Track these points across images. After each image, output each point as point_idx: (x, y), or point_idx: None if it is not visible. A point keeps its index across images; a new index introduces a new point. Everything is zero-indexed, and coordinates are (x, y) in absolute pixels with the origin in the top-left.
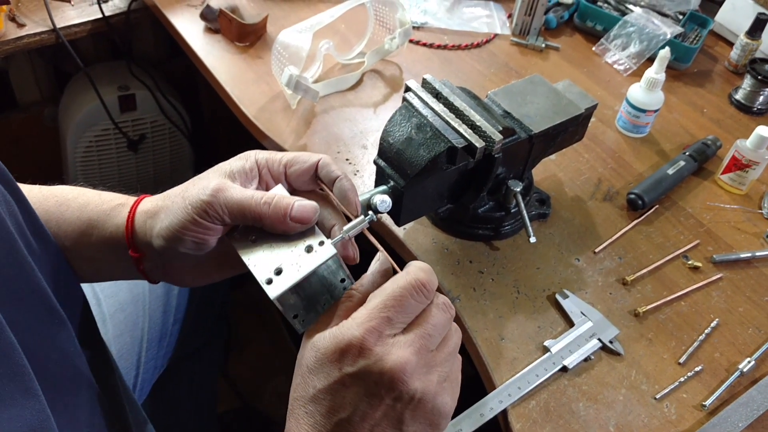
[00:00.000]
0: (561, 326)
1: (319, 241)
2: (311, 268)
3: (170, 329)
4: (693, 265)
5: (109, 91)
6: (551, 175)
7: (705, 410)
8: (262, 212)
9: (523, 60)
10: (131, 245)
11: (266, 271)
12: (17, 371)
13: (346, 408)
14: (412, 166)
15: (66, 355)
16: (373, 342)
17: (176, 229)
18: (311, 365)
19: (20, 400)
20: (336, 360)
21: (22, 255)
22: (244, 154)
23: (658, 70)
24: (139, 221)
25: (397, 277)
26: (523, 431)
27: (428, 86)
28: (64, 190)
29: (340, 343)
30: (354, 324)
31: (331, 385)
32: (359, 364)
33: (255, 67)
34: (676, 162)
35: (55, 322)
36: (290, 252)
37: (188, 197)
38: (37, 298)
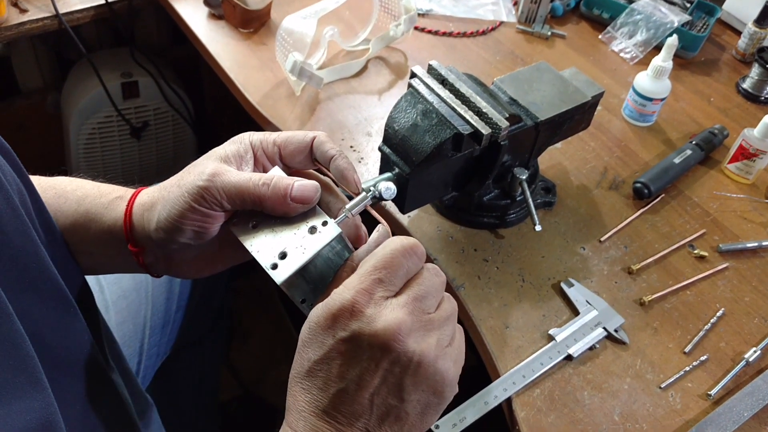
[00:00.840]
0: (566, 315)
1: (322, 222)
2: (316, 249)
3: (173, 316)
4: (699, 255)
5: (112, 77)
6: (557, 164)
7: (710, 400)
8: (261, 194)
9: (528, 48)
10: (130, 239)
11: (270, 256)
12: (27, 362)
13: (343, 377)
14: (418, 153)
15: (80, 344)
16: (364, 303)
17: (175, 219)
18: (305, 338)
19: (30, 392)
20: (329, 327)
21: (37, 245)
22: (238, 137)
23: (665, 58)
24: (137, 214)
25: (387, 240)
26: (527, 419)
27: (434, 72)
28: (63, 182)
29: (331, 308)
30: (344, 289)
31: (325, 355)
32: (351, 327)
33: (259, 54)
34: (683, 151)
35: (69, 311)
36: (293, 235)
37: (184, 185)
38: (52, 287)
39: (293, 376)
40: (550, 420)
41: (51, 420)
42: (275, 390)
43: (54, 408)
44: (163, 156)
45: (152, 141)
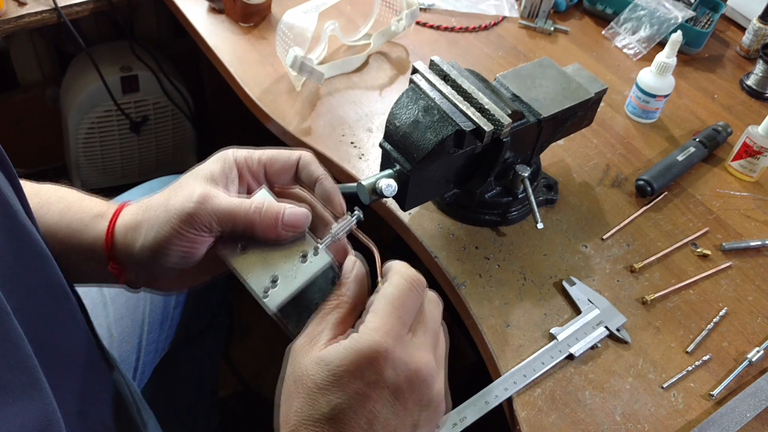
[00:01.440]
0: (568, 314)
1: (312, 248)
2: (308, 277)
3: (171, 313)
4: (702, 253)
5: (112, 71)
6: (559, 161)
7: (713, 400)
8: (253, 221)
9: (531, 43)
10: (111, 258)
11: (262, 281)
12: (26, 362)
13: (372, 423)
14: (419, 150)
15: (78, 342)
16: (394, 347)
17: (161, 243)
18: (323, 383)
19: (29, 392)
20: (357, 372)
21: (41, 246)
22: (221, 155)
23: (669, 55)
24: (119, 235)
25: (391, 278)
26: (528, 419)
27: (436, 68)
28: (48, 190)
29: (361, 353)
30: (370, 331)
31: (353, 400)
32: (386, 374)
33: (259, 48)
34: (686, 148)
35: (67, 312)
36: (284, 261)
37: (172, 208)
38: (54, 288)
39: (303, 421)
40: (551, 420)
41: (50, 420)
42: (275, 385)
43: (53, 408)
44: (162, 151)
45: (152, 135)
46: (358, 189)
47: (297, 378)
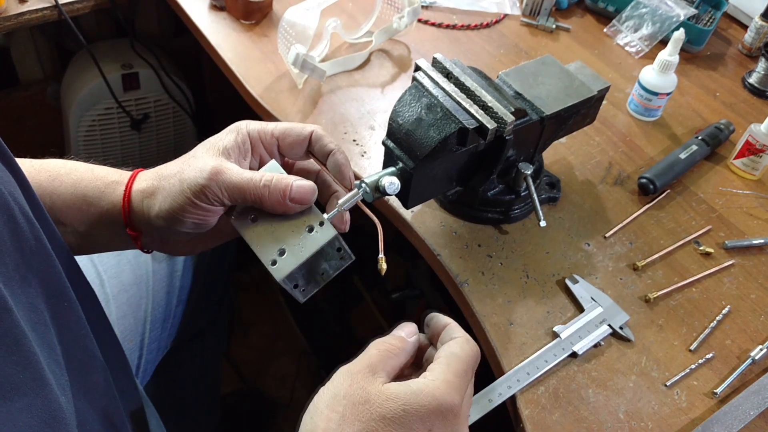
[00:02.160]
0: (570, 312)
1: (319, 221)
2: (314, 249)
3: (174, 311)
4: (704, 251)
5: (112, 69)
6: (561, 159)
7: (716, 398)
8: (261, 195)
9: (533, 41)
10: (128, 224)
11: (270, 252)
12: (30, 358)
13: None
14: (422, 148)
15: (77, 337)
16: (462, 406)
17: (176, 212)
18: (391, 416)
19: (33, 388)
20: (428, 419)
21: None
22: (235, 126)
23: (671, 52)
24: (136, 200)
25: (464, 343)
26: (531, 417)
27: (439, 65)
28: (56, 165)
29: (439, 404)
30: (448, 386)
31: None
32: (451, 428)
33: (261, 46)
34: (689, 146)
35: (64, 304)
36: (291, 232)
37: (185, 180)
38: (51, 282)
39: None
40: (555, 418)
41: (55, 417)
42: (275, 383)
43: (58, 404)
44: (163, 148)
45: (153, 133)
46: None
47: (357, 401)
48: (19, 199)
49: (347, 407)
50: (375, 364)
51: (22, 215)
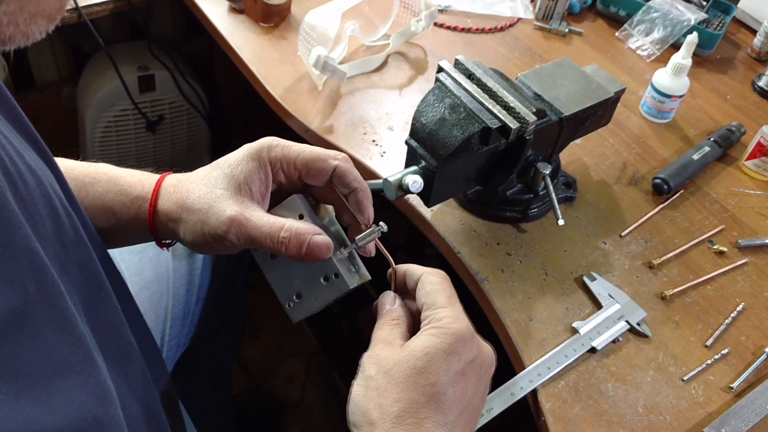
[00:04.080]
0: (589, 308)
1: (334, 273)
2: (328, 301)
3: (193, 308)
4: (718, 250)
5: (129, 71)
6: (577, 159)
7: (732, 392)
8: (277, 250)
9: (546, 45)
10: (156, 238)
11: (287, 294)
12: (81, 340)
13: (462, 397)
14: (445, 147)
15: (114, 326)
16: (469, 325)
17: (198, 244)
18: (423, 367)
19: (86, 368)
20: (455, 352)
21: (80, 231)
22: (257, 152)
23: (684, 55)
24: (161, 221)
25: (430, 279)
26: (553, 410)
27: (461, 67)
28: (80, 173)
29: (456, 335)
30: (452, 318)
31: (452, 377)
32: (474, 351)
33: (280, 48)
34: (701, 147)
35: (101, 294)
36: (308, 279)
37: (207, 225)
38: (89, 272)
39: (405, 407)
40: (576, 411)
41: (106, 396)
42: (285, 384)
43: (108, 384)
44: (177, 149)
45: (167, 134)
46: (384, 185)
47: (387, 371)
48: (58, 192)
49: (382, 379)
50: (386, 337)
51: (62, 207)
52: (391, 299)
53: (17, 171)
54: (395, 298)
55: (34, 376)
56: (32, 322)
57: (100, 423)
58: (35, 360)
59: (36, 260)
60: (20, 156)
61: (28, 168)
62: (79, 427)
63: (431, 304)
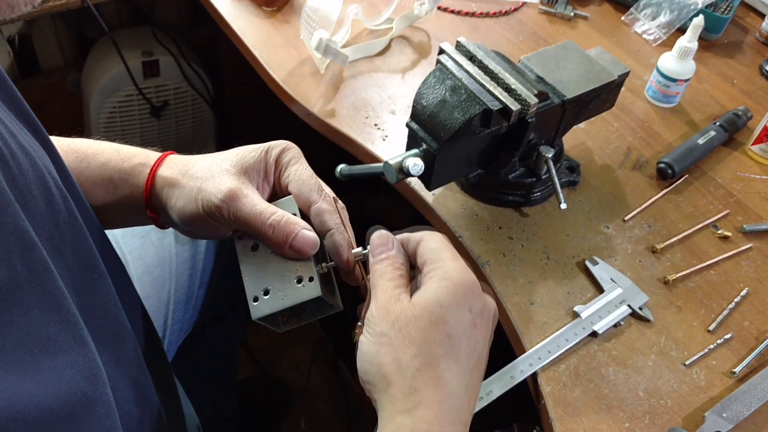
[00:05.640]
0: (590, 292)
1: (309, 276)
2: (294, 302)
3: (196, 292)
4: (723, 235)
5: (133, 56)
6: (580, 143)
7: (735, 377)
8: (264, 232)
9: (551, 29)
10: (149, 205)
11: (256, 288)
12: (70, 319)
13: (474, 347)
14: (446, 129)
15: (107, 308)
16: (475, 278)
17: (188, 216)
18: (437, 319)
19: (74, 347)
20: (465, 302)
21: (74, 213)
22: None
23: (690, 39)
24: (158, 185)
25: (428, 234)
26: (553, 394)
27: (462, 49)
28: (83, 145)
29: (464, 285)
30: (459, 270)
31: (465, 327)
32: (482, 302)
33: (283, 32)
34: (707, 132)
35: (94, 276)
36: (281, 276)
37: (203, 191)
38: (83, 253)
39: (424, 360)
40: (576, 395)
41: (95, 374)
42: (291, 370)
43: (97, 363)
44: (182, 135)
45: (171, 120)
46: (385, 168)
47: (401, 327)
48: (53, 173)
49: (396, 336)
50: (393, 290)
51: (56, 188)
52: (388, 239)
53: (10, 151)
54: (390, 238)
55: (21, 353)
56: (19, 299)
57: (88, 400)
58: (22, 336)
59: (24, 239)
60: (13, 136)
61: (21, 149)
62: (68, 403)
63: (436, 258)
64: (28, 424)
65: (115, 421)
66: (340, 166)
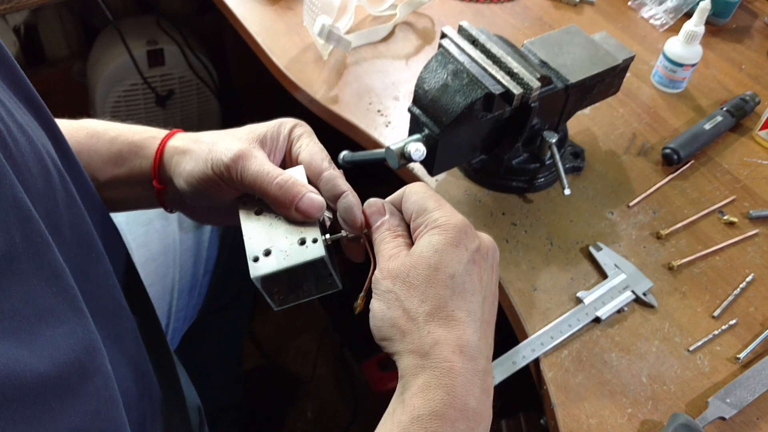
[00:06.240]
0: (594, 278)
1: (313, 238)
2: (295, 263)
3: (200, 280)
4: (728, 221)
5: (138, 45)
6: (585, 129)
7: (739, 363)
8: (271, 192)
9: (557, 14)
10: (156, 176)
11: (257, 248)
12: (69, 291)
13: (479, 284)
14: (448, 113)
15: (105, 287)
16: (468, 222)
17: (194, 177)
18: (436, 261)
19: (72, 319)
20: (460, 244)
21: (73, 193)
22: (285, 120)
23: (697, 23)
24: (168, 154)
25: (413, 186)
26: (555, 379)
27: (465, 33)
28: (94, 123)
29: (456, 227)
30: (447, 215)
31: (466, 266)
32: (476, 239)
33: (286, 19)
34: (713, 117)
35: (92, 255)
36: (285, 238)
37: (213, 152)
38: (81, 233)
39: (433, 306)
40: (578, 380)
41: (93, 345)
42: (296, 360)
43: (95, 335)
44: (187, 125)
45: (177, 109)
46: (387, 153)
47: (404, 279)
48: (51, 153)
49: (400, 288)
50: (392, 250)
51: (54, 168)
52: (381, 208)
53: (7, 129)
54: (384, 205)
55: (17, 321)
56: (17, 268)
57: (85, 370)
58: (19, 305)
59: (22, 210)
60: (10, 114)
61: (18, 127)
62: (65, 371)
63: (421, 210)
64: (23, 389)
65: (115, 393)
66: (343, 153)
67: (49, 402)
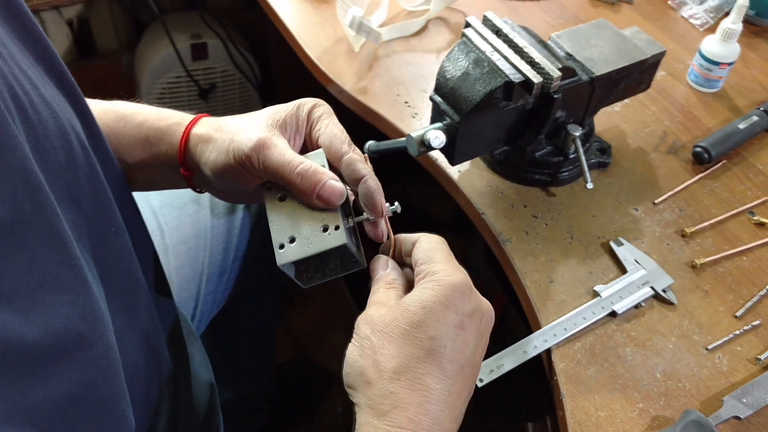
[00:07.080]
0: (613, 273)
1: (335, 225)
2: (319, 250)
3: (230, 266)
4: (759, 221)
5: (182, 38)
6: (614, 126)
7: (760, 364)
8: (292, 181)
9: (593, 12)
10: (183, 164)
11: (282, 235)
12: (75, 261)
13: (463, 351)
14: (468, 102)
15: (122, 261)
16: (468, 279)
17: (218, 167)
18: (420, 321)
19: (76, 287)
20: (452, 305)
21: (95, 167)
22: (304, 102)
23: (734, 20)
24: (192, 143)
25: (428, 237)
26: (566, 371)
27: (489, 23)
28: (122, 106)
29: (453, 286)
30: (449, 272)
31: (450, 330)
32: (473, 302)
33: (321, 12)
34: (749, 117)
35: (111, 229)
36: (308, 225)
37: (234, 141)
38: (101, 207)
39: (403, 362)
40: (590, 373)
41: (95, 316)
42: (332, 355)
43: (98, 306)
44: None
45: (219, 103)
46: (407, 141)
47: (383, 329)
48: (76, 128)
49: (377, 338)
50: (381, 298)
51: (78, 142)
52: (384, 263)
53: (30, 101)
54: (387, 261)
55: (16, 288)
56: (23, 236)
57: (84, 339)
58: (21, 273)
59: (32, 180)
60: (36, 89)
61: (43, 100)
62: (59, 339)
63: (427, 259)
64: (8, 354)
65: (115, 364)
66: (368, 143)
67: (39, 368)
